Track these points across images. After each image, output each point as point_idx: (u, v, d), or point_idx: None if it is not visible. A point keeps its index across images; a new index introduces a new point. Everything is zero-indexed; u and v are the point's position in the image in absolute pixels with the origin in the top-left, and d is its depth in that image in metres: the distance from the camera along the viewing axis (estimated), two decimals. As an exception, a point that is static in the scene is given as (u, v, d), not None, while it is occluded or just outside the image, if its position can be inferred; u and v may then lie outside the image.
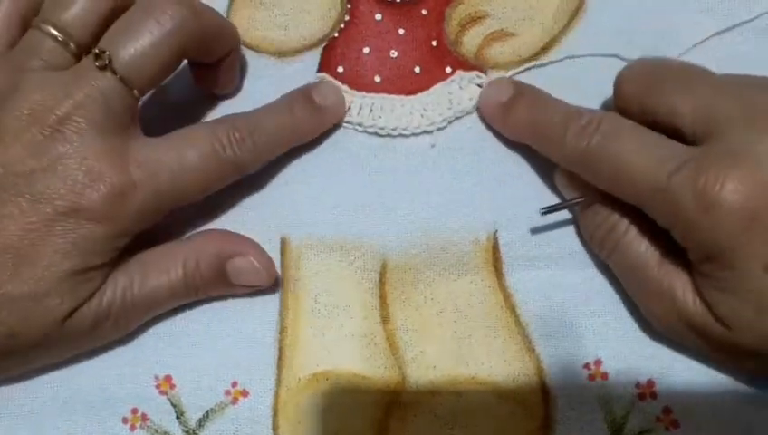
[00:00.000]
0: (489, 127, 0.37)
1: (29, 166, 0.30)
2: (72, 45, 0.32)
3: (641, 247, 0.32)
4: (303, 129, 0.36)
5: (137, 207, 0.31)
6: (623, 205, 0.32)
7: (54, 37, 0.31)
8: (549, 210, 0.34)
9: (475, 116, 0.37)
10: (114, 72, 0.31)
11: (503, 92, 0.36)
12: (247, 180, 0.36)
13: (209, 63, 0.36)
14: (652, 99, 0.32)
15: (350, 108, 0.37)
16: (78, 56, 0.32)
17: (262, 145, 0.34)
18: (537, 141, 0.35)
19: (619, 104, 0.33)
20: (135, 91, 0.31)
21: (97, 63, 0.31)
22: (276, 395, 0.34)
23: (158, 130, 0.33)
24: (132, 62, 0.31)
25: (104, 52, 0.31)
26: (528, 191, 0.36)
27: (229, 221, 0.36)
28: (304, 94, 0.36)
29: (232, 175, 0.34)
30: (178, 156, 0.32)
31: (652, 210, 0.31)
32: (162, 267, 0.33)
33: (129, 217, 0.31)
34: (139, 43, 0.31)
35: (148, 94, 0.35)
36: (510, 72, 0.37)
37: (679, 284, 0.31)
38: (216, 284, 0.34)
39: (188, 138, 0.33)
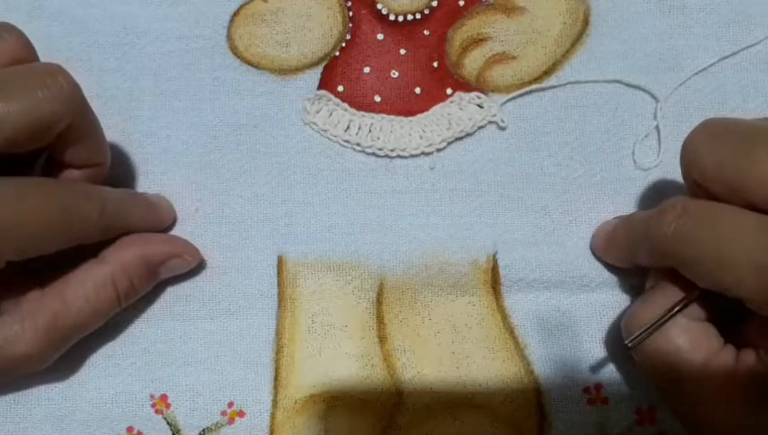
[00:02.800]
0: (489, 149, 0.37)
1: None
2: None
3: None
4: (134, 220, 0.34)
5: None
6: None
7: None
8: (635, 340, 0.30)
9: (474, 138, 0.37)
10: None
11: (609, 224, 0.35)
12: (244, 198, 0.36)
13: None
14: (737, 170, 0.28)
15: (349, 127, 0.37)
16: None
17: (117, 219, 0.33)
18: (630, 252, 0.33)
19: (693, 174, 0.30)
20: None
21: None
22: (273, 416, 0.34)
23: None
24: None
25: None
26: (528, 214, 0.36)
27: (227, 238, 0.36)
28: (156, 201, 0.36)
29: (78, 235, 0.31)
30: (20, 202, 0.29)
31: (758, 296, 0.27)
32: (89, 294, 0.32)
33: None
34: (15, 94, 0.29)
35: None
36: (511, 96, 0.37)
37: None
38: (146, 288, 0.34)
39: (32, 185, 0.30)
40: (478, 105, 0.37)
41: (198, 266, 0.36)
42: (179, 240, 0.35)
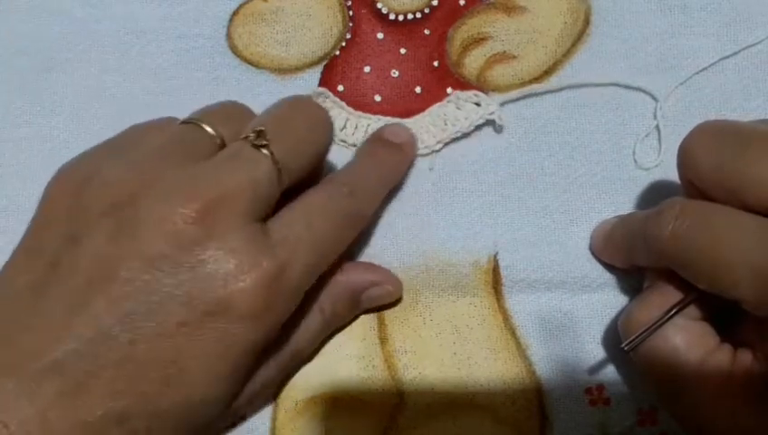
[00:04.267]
0: (489, 149, 0.37)
1: (172, 261, 0.27)
2: (218, 141, 0.31)
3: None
4: (393, 169, 0.36)
5: (289, 288, 0.29)
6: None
7: (203, 129, 0.31)
8: (632, 343, 0.30)
9: (474, 138, 0.37)
10: (271, 154, 0.29)
11: (607, 224, 0.35)
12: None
13: None
14: (735, 172, 0.28)
15: (345, 126, 0.37)
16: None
17: (370, 192, 0.34)
18: (628, 252, 0.33)
19: (690, 176, 0.30)
20: (284, 179, 0.30)
21: (256, 142, 0.29)
22: (274, 418, 0.34)
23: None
24: (286, 148, 0.29)
25: (262, 130, 0.29)
26: (529, 214, 0.36)
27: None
28: (379, 138, 0.36)
29: (357, 226, 0.33)
30: (308, 224, 0.30)
31: (754, 297, 0.27)
32: (299, 323, 0.32)
33: (283, 303, 0.29)
34: (292, 132, 0.30)
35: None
36: (511, 95, 0.37)
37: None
38: (349, 316, 0.34)
39: (308, 205, 0.31)
40: (475, 103, 0.37)
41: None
42: (382, 270, 0.35)
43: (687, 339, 0.29)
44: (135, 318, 0.26)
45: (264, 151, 0.29)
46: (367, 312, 0.35)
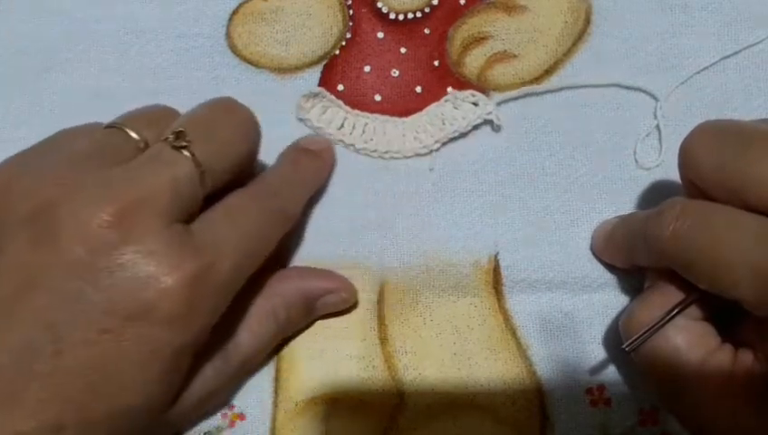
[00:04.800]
0: (490, 149, 0.37)
1: (91, 267, 0.26)
2: (141, 145, 0.30)
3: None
4: (314, 174, 0.36)
5: (215, 289, 0.28)
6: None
7: (125, 133, 0.30)
8: (633, 344, 0.30)
9: (474, 138, 0.37)
10: (192, 155, 0.29)
11: (608, 224, 0.35)
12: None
13: None
14: (736, 172, 0.28)
15: (343, 125, 0.37)
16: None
17: (295, 192, 0.34)
18: (628, 253, 0.33)
19: (690, 176, 0.30)
20: (208, 181, 0.29)
21: (175, 143, 0.29)
22: (274, 419, 0.34)
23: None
24: (209, 150, 0.29)
25: (182, 131, 0.29)
26: (529, 214, 0.36)
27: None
28: (298, 147, 0.36)
29: (284, 224, 0.33)
30: (233, 224, 0.30)
31: (754, 297, 0.27)
32: (253, 328, 0.32)
33: (209, 305, 0.28)
34: (215, 134, 0.30)
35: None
36: (511, 95, 0.37)
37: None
38: (303, 323, 0.34)
39: (233, 205, 0.31)
40: (473, 103, 0.37)
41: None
42: (337, 277, 0.35)
43: (688, 339, 0.29)
44: (59, 328, 0.26)
45: (185, 153, 0.29)
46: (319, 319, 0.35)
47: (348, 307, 0.35)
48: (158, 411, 0.29)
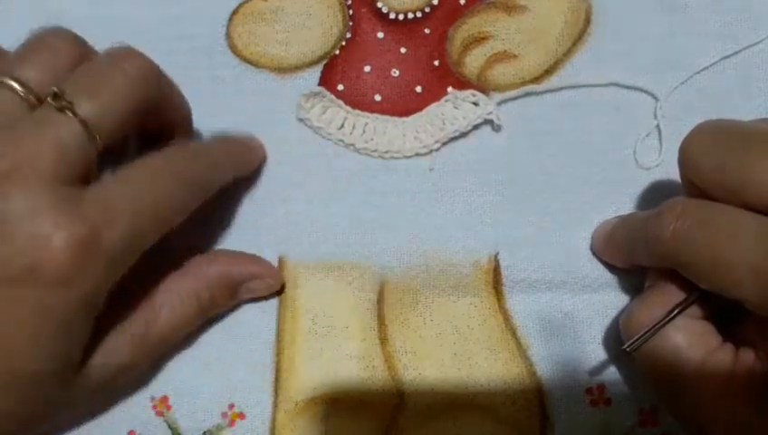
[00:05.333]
0: (490, 149, 0.37)
1: None
2: (32, 98, 0.29)
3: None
4: (243, 155, 0.36)
5: (106, 252, 0.27)
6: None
7: (12, 89, 0.29)
8: (634, 345, 0.30)
9: (474, 138, 0.37)
10: (75, 115, 0.28)
11: (608, 224, 0.35)
12: (245, 199, 0.36)
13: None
14: (736, 172, 0.28)
15: (343, 125, 0.37)
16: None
17: (217, 162, 0.34)
18: (629, 253, 0.33)
19: (690, 175, 0.29)
20: (97, 139, 0.28)
21: (55, 104, 0.28)
22: (274, 418, 0.34)
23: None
24: (95, 107, 0.28)
25: (64, 92, 0.28)
26: (529, 214, 0.36)
27: (227, 241, 0.36)
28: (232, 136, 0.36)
29: (198, 193, 0.32)
30: (136, 187, 0.29)
31: (755, 297, 0.27)
32: (174, 305, 0.32)
33: (99, 268, 0.27)
34: (103, 88, 0.29)
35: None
36: (510, 94, 0.37)
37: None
38: (226, 306, 0.34)
39: (142, 166, 0.30)
40: (473, 103, 0.37)
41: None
42: (264, 262, 0.35)
43: (689, 338, 0.29)
44: None
45: (69, 113, 0.28)
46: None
47: (273, 293, 0.35)
48: (59, 377, 0.28)
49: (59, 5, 0.40)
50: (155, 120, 0.33)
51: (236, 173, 0.35)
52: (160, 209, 0.30)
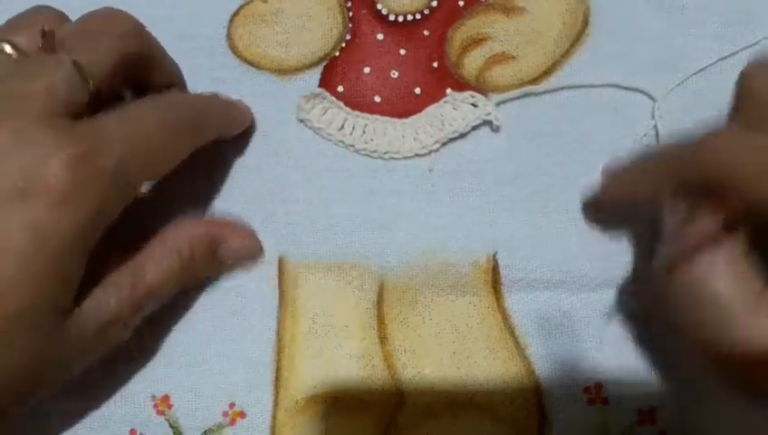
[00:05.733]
0: (489, 149, 0.37)
1: None
2: (23, 58, 0.30)
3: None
4: (234, 113, 0.37)
5: (102, 173, 0.28)
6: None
7: (3, 51, 0.30)
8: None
9: (473, 138, 0.37)
10: (68, 57, 0.29)
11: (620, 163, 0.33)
12: (245, 198, 0.36)
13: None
14: None
15: (343, 126, 0.37)
16: None
17: (213, 112, 0.35)
18: (656, 180, 0.30)
19: (751, 110, 0.28)
20: (90, 83, 0.29)
21: (47, 46, 0.29)
22: (274, 417, 0.34)
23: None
24: (85, 52, 0.30)
25: (51, 32, 0.29)
26: (528, 214, 0.36)
27: (228, 240, 0.36)
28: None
29: (192, 136, 0.33)
30: (128, 121, 0.30)
31: None
32: (157, 259, 0.32)
33: (95, 188, 0.28)
34: (91, 39, 0.31)
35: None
36: (509, 95, 0.37)
37: None
38: (207, 268, 0.35)
39: (134, 106, 0.31)
40: (472, 104, 0.37)
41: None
42: (244, 230, 0.36)
43: (733, 273, 0.26)
44: None
45: (61, 56, 0.29)
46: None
47: (252, 259, 0.35)
48: (51, 318, 0.28)
49: (59, 5, 0.40)
50: (145, 79, 0.34)
51: (223, 129, 0.36)
52: (153, 143, 0.30)
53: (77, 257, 0.28)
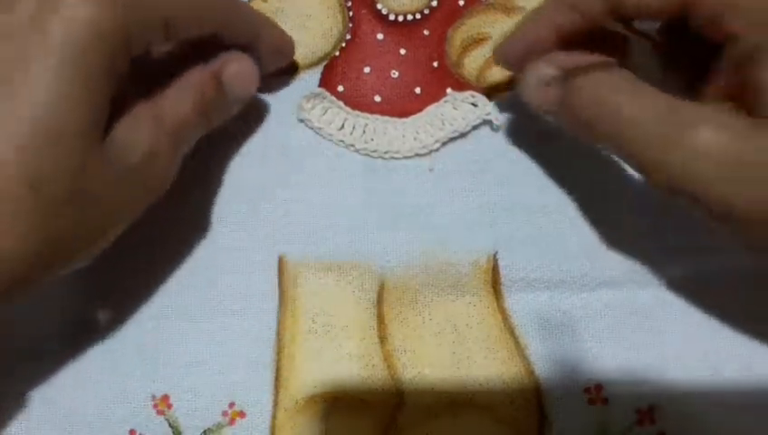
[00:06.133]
0: (489, 149, 0.37)
1: None
2: None
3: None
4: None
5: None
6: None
7: None
8: None
9: (473, 138, 0.37)
10: None
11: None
12: (245, 198, 0.36)
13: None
14: None
15: (343, 126, 0.37)
16: None
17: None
18: None
19: None
20: None
21: None
22: (274, 417, 0.34)
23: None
24: None
25: None
26: (528, 214, 0.36)
27: (226, 240, 0.36)
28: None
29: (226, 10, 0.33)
30: None
31: None
32: (172, 100, 0.31)
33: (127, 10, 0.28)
34: None
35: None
36: (509, 95, 0.37)
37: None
38: (219, 100, 0.34)
39: None
40: (472, 104, 0.37)
41: (198, 266, 0.36)
42: (244, 55, 0.34)
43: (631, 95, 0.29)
44: None
45: None
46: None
47: (254, 81, 0.35)
48: (84, 140, 0.27)
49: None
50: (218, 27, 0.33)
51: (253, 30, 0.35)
52: None
53: (107, 72, 0.28)
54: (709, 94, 0.30)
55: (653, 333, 0.34)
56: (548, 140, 0.37)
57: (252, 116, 0.37)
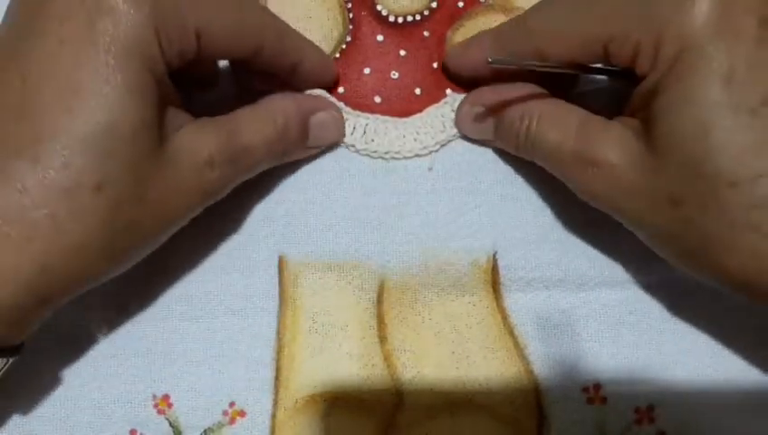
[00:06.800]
0: (488, 149, 0.37)
1: None
2: None
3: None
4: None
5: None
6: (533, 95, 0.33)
7: None
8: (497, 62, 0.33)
9: (472, 139, 0.37)
10: None
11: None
12: (246, 198, 0.36)
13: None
14: None
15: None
16: None
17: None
18: None
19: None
20: None
21: None
22: (274, 416, 0.34)
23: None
24: None
25: None
26: (527, 214, 0.36)
27: (227, 240, 0.36)
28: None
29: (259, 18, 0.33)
30: None
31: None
32: (254, 127, 0.32)
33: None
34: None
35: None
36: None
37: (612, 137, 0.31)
38: (299, 138, 0.35)
39: None
40: None
41: (199, 266, 0.36)
42: (327, 101, 0.36)
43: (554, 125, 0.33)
44: None
45: None
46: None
47: (339, 132, 0.36)
48: (135, 132, 0.28)
49: None
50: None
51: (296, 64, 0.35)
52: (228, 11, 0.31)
53: (153, 81, 0.28)
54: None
55: (652, 332, 0.34)
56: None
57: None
